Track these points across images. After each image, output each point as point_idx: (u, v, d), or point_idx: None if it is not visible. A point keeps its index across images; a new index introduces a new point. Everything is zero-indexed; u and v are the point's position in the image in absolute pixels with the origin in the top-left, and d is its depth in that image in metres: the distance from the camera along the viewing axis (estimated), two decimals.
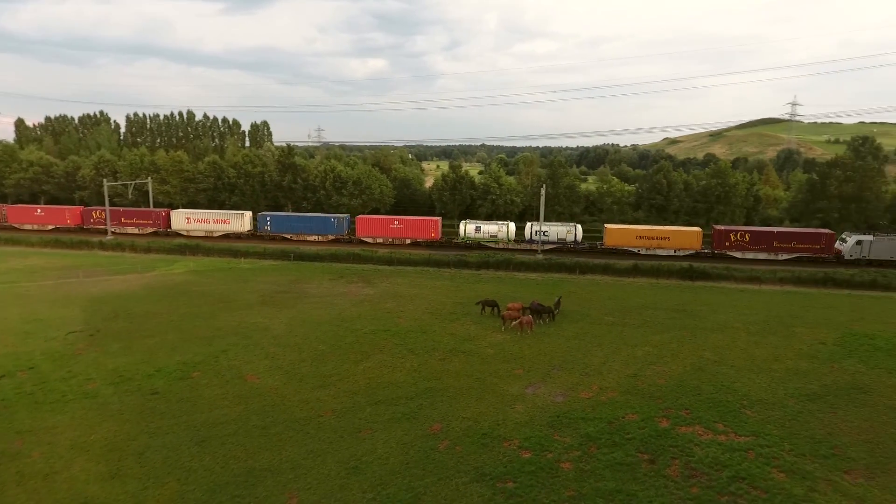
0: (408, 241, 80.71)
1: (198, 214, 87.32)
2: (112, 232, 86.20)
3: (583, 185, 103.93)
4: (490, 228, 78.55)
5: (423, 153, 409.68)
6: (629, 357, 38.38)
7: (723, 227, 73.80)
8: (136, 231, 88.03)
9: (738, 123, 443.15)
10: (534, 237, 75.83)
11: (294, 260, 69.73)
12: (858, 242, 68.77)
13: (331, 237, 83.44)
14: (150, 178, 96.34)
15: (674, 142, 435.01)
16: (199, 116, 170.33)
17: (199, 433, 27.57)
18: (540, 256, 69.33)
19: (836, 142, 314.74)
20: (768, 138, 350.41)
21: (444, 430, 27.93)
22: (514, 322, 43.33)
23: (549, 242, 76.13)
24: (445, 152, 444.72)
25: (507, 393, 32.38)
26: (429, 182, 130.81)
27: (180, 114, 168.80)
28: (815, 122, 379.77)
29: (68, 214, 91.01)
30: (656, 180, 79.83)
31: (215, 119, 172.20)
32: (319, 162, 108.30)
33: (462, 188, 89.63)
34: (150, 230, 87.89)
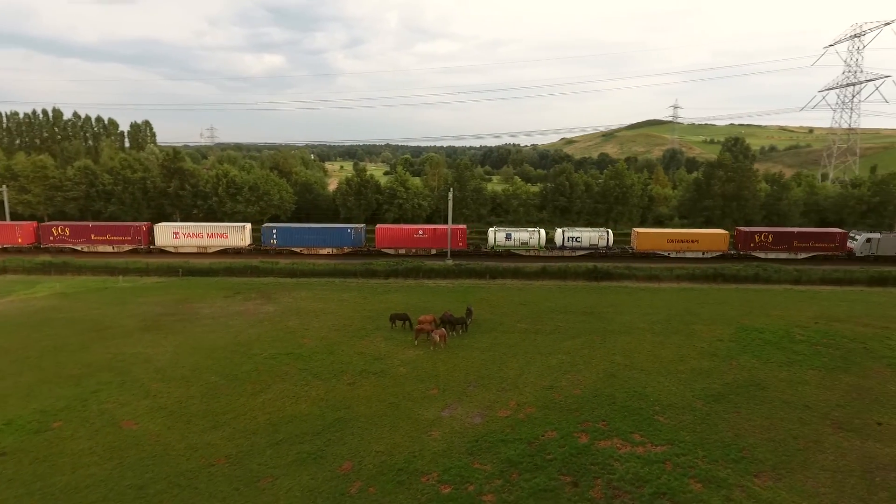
0: (433, 252, 75.18)
1: (188, 228, 76.90)
2: (78, 251, 75.23)
3: (489, 186, 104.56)
4: (521, 236, 74.76)
5: (325, 153, 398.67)
6: (544, 367, 37.79)
7: (747, 229, 75.56)
8: (109, 249, 76.36)
9: (628, 125, 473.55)
10: (566, 244, 74.75)
11: (183, 276, 63.32)
12: (868, 240, 74.57)
13: (346, 249, 76.37)
14: (4, 186, 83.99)
15: (570, 142, 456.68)
16: (68, 115, 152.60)
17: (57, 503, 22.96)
18: (450, 262, 68.11)
19: (712, 142, 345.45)
20: (654, 138, 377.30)
21: (355, 469, 25.36)
22: (427, 336, 41.48)
23: (580, 248, 74.85)
24: (349, 152, 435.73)
25: (423, 418, 30.35)
26: (333, 184, 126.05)
27: (44, 112, 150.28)
28: (694, 124, 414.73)
29: (19, 232, 76.92)
30: (559, 182, 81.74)
31: (87, 118, 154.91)
32: (211, 166, 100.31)
33: (367, 193, 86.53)
34: (127, 248, 76.61)
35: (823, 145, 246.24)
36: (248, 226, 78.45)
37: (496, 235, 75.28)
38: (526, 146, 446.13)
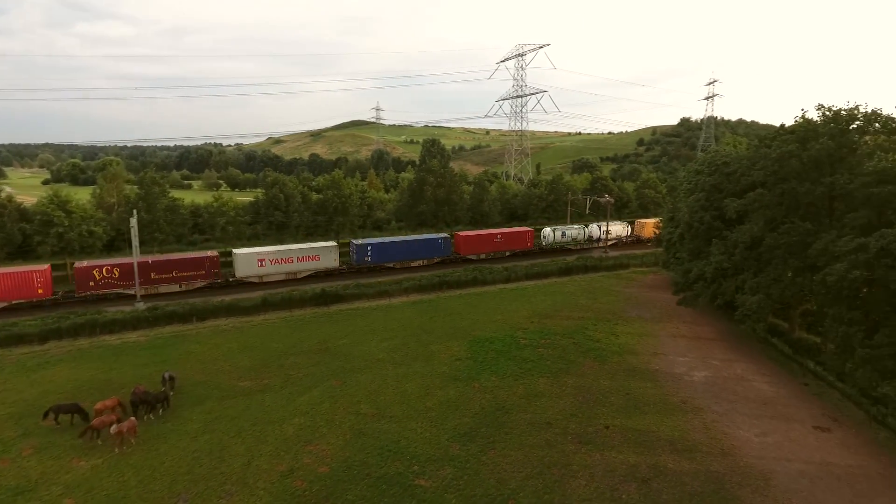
0: (507, 254, 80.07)
1: (276, 254, 64.78)
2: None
3: (188, 198, 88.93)
4: (570, 232, 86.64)
5: None
6: (279, 441, 30.53)
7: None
8: (177, 288, 60.24)
9: (335, 125, 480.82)
10: (601, 236, 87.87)
11: None
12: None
13: (436, 259, 75.20)
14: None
15: (278, 142, 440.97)
16: None
17: None
18: (140, 307, 53.78)
19: (412, 142, 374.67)
20: (360, 139, 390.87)
21: None
22: (110, 431, 29.87)
23: (610, 240, 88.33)
24: None
25: None
26: None
27: None
28: (395, 125, 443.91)
29: (39, 281, 53.87)
30: (272, 195, 73.36)
31: None
32: None
33: (4, 222, 62.91)
34: (200, 284, 61.08)
35: (500, 145, 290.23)
36: (334, 243, 69.95)
37: (554, 234, 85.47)
38: (230, 146, 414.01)
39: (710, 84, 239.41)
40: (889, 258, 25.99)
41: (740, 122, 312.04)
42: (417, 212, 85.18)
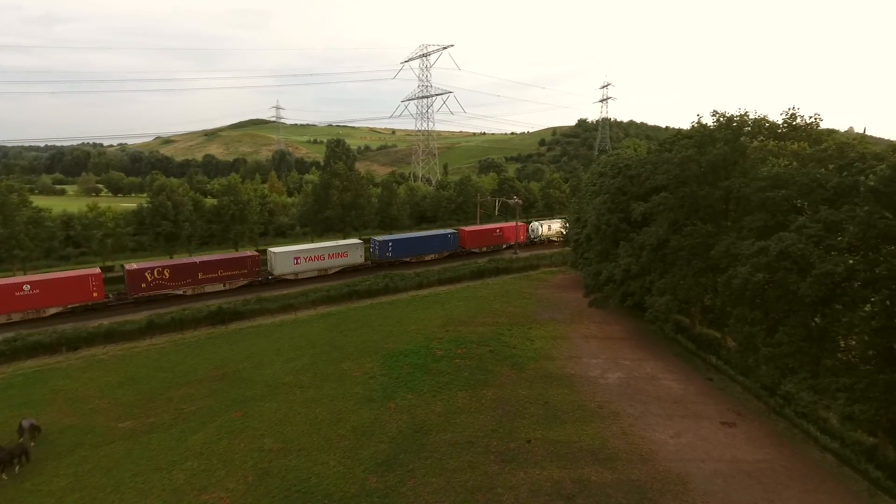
0: (504, 247, 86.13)
1: (309, 251, 67.71)
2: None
3: (59, 207, 78.52)
4: (554, 226, 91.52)
5: None
6: (168, 493, 26.60)
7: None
8: (221, 287, 61.33)
9: (231, 124, 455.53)
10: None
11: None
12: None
13: (446, 254, 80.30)
14: None
15: (168, 141, 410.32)
16: None
17: None
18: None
19: (316, 142, 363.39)
20: (260, 138, 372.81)
21: None
22: None
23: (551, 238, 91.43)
24: None
25: None
26: None
27: None
28: (297, 124, 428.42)
29: (94, 284, 53.95)
30: (159, 202, 66.04)
31: None
32: None
33: None
34: (242, 282, 62.53)
35: (407, 145, 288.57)
36: (358, 240, 73.54)
37: (542, 228, 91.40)
38: (112, 146, 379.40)
39: (603, 87, 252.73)
40: (787, 261, 27.05)
41: (631, 123, 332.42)
42: (323, 217, 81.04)
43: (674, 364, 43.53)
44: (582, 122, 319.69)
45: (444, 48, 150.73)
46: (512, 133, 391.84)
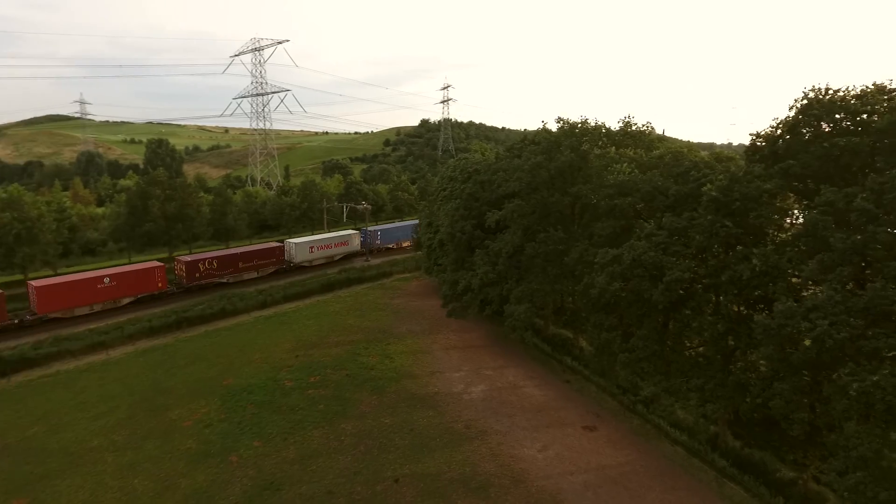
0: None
1: (320, 241, 77.15)
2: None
3: None
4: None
5: None
6: None
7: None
8: (255, 275, 68.10)
9: (22, 120, 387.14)
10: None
11: None
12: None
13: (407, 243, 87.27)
14: None
15: None
16: None
17: None
18: None
19: (133, 141, 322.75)
20: (62, 137, 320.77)
21: None
22: None
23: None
24: None
25: None
26: None
27: None
28: (109, 121, 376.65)
29: (158, 276, 59.75)
30: None
31: None
32: None
33: None
34: (271, 270, 70.00)
35: (242, 145, 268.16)
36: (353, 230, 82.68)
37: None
38: None
39: (444, 89, 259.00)
40: (640, 269, 27.55)
41: (471, 123, 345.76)
42: (143, 231, 69.81)
43: (532, 369, 43.63)
44: (425, 123, 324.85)
45: (279, 43, 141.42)
46: (356, 133, 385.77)
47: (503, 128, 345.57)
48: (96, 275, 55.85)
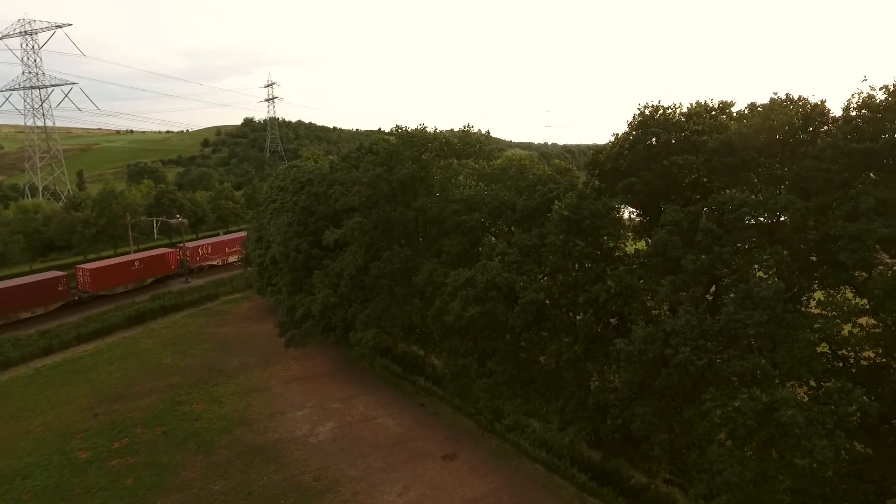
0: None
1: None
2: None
3: None
4: None
5: None
6: None
7: None
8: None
9: None
10: None
11: None
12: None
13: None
14: None
15: None
16: None
17: None
18: None
19: None
20: None
21: None
22: None
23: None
24: None
25: None
26: None
27: None
28: None
29: (172, 259, 72.12)
30: None
31: None
32: None
33: None
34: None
35: (17, 146, 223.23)
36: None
37: None
38: None
39: (268, 86, 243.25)
40: (494, 290, 26.06)
41: (300, 123, 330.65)
42: None
43: (384, 395, 40.59)
44: (249, 122, 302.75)
45: (59, 27, 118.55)
46: (168, 132, 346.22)
47: (335, 128, 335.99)
48: (130, 258, 66.60)
